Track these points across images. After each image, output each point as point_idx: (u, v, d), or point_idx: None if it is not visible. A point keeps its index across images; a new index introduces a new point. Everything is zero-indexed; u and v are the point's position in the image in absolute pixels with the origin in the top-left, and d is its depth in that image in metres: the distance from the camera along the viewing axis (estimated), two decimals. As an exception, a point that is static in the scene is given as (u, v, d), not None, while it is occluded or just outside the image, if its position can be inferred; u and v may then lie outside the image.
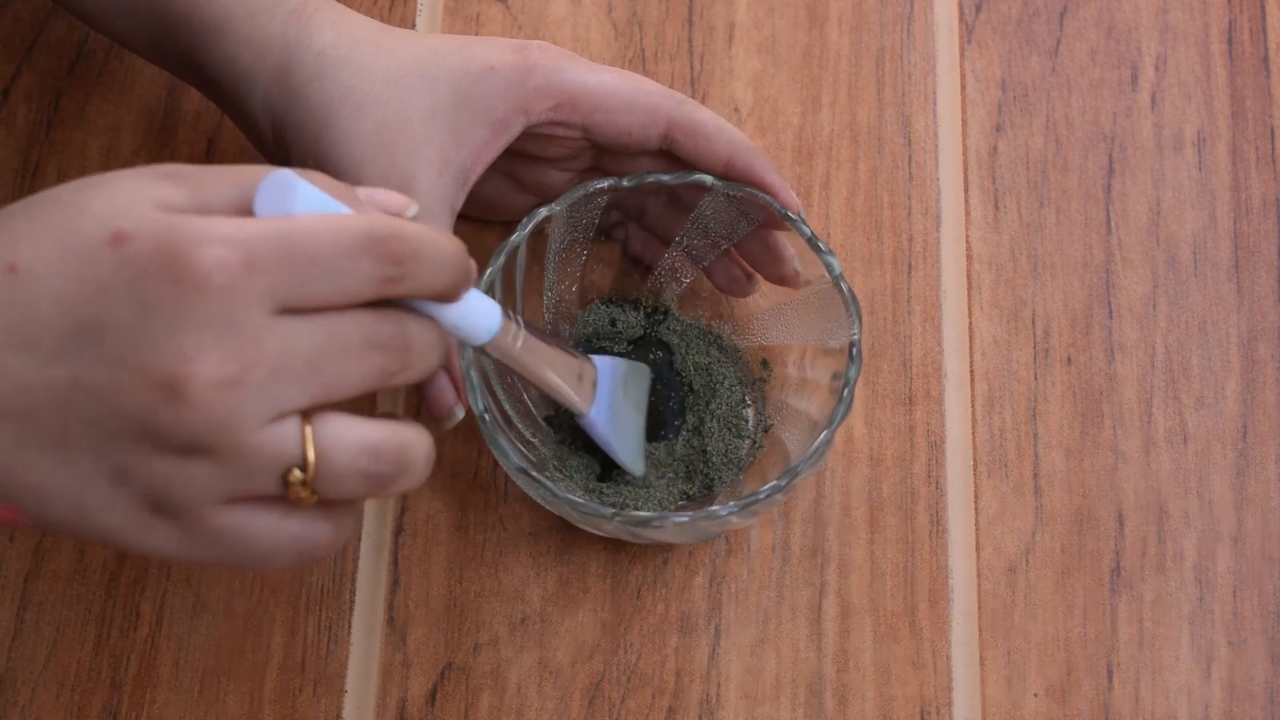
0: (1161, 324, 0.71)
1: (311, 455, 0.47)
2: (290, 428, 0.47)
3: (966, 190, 0.74)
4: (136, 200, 0.47)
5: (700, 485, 0.67)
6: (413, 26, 0.76)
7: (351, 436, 0.48)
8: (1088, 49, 0.76)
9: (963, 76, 0.76)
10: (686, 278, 0.69)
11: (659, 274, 0.69)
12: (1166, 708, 0.66)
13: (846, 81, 0.75)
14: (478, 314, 0.53)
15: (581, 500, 0.61)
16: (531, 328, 0.58)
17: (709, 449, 0.67)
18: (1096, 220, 0.73)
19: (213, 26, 0.63)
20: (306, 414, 0.48)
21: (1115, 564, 0.68)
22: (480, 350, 0.55)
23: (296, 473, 0.47)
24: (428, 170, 0.62)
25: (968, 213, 0.73)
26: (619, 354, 0.69)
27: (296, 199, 0.48)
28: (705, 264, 0.68)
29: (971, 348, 0.71)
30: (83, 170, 0.73)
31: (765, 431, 0.67)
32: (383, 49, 0.63)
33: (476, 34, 0.76)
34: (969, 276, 0.72)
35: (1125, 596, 0.67)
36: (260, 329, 0.46)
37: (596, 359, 0.64)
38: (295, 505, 0.49)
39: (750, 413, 0.68)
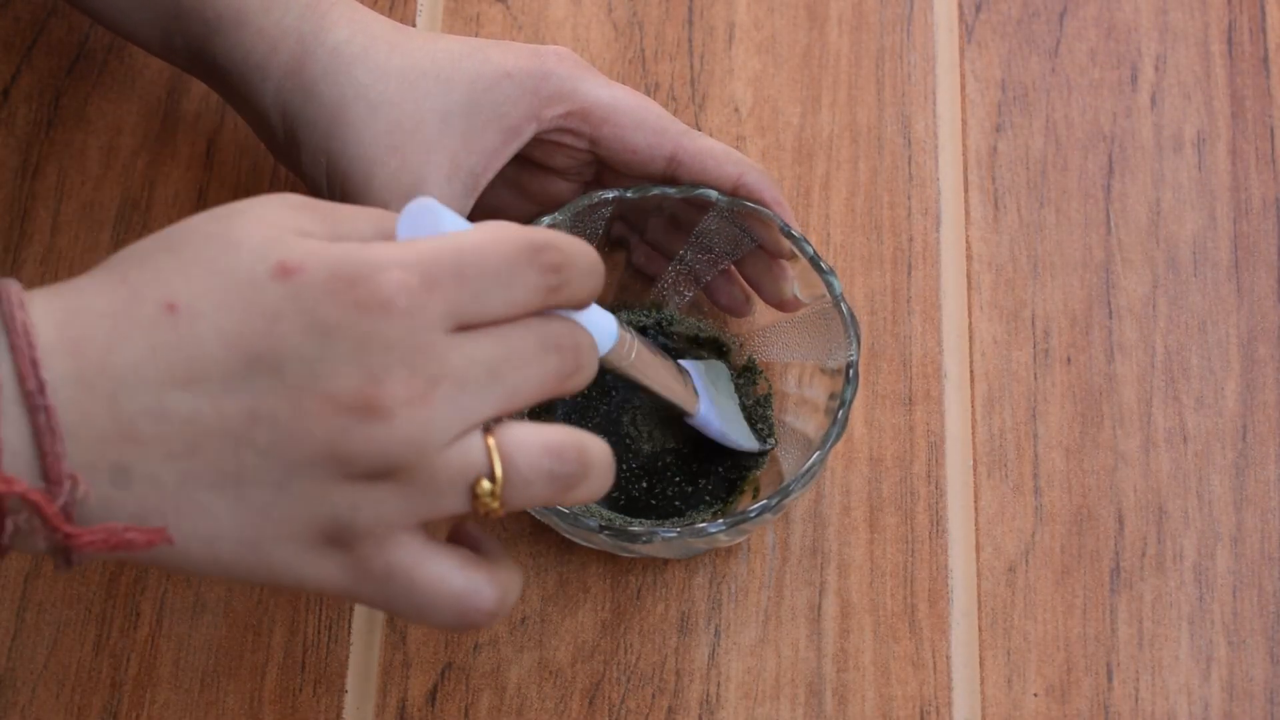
0: (1161, 324, 0.71)
1: (498, 463, 0.47)
2: (474, 439, 0.47)
3: (966, 190, 0.74)
4: (282, 230, 0.47)
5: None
6: (413, 26, 0.76)
7: (534, 439, 0.48)
8: (1088, 49, 0.76)
9: (963, 77, 0.76)
10: (688, 292, 0.69)
11: (661, 287, 0.69)
12: (1166, 707, 0.66)
13: (846, 82, 0.75)
14: (601, 324, 0.53)
15: (568, 511, 0.61)
16: (639, 335, 0.59)
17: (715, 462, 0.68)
18: (1096, 220, 0.73)
19: (227, 19, 0.63)
20: (486, 426, 0.48)
21: (1115, 564, 0.68)
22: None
23: (485, 483, 0.47)
24: (438, 174, 0.62)
25: (968, 213, 0.73)
26: None
27: (442, 223, 0.49)
28: (707, 280, 0.69)
29: (971, 348, 0.71)
30: (83, 170, 0.73)
31: (765, 449, 0.67)
32: (397, 49, 0.63)
33: (476, 34, 0.76)
34: (969, 276, 0.72)
35: (1125, 596, 0.67)
36: (442, 346, 0.46)
37: (683, 363, 0.65)
38: (469, 560, 0.49)
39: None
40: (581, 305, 0.50)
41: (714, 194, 0.65)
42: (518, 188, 0.68)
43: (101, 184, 0.73)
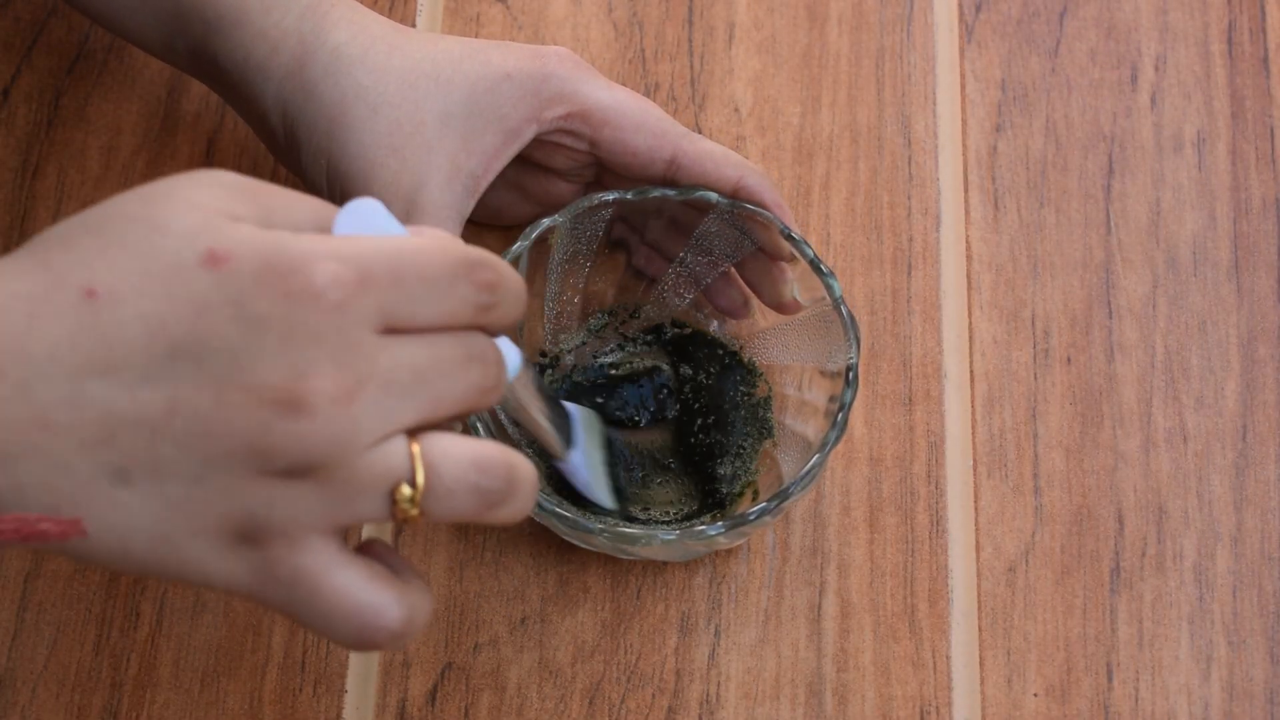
0: (1161, 324, 0.71)
1: (421, 469, 0.46)
2: (398, 444, 0.46)
3: (966, 190, 0.74)
4: (212, 214, 0.46)
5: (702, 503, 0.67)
6: (413, 26, 0.76)
7: (460, 451, 0.47)
8: (1087, 49, 0.76)
9: (963, 76, 0.76)
10: (688, 294, 0.69)
11: (661, 289, 0.69)
12: (1166, 707, 0.66)
13: (846, 81, 0.75)
14: (508, 353, 0.52)
15: (569, 514, 0.61)
16: (535, 373, 0.58)
17: (715, 464, 0.68)
18: (1096, 220, 0.73)
19: (228, 20, 0.63)
20: (411, 433, 0.47)
21: (1115, 564, 0.68)
22: None
23: (405, 489, 0.46)
24: (438, 176, 0.62)
25: (967, 213, 0.73)
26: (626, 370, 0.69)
27: (383, 225, 0.48)
28: (707, 282, 0.69)
29: (971, 348, 0.71)
30: (83, 170, 0.73)
31: (759, 451, 0.68)
32: (397, 50, 0.63)
33: (477, 34, 0.76)
34: (969, 276, 0.72)
35: (1125, 596, 0.67)
36: (370, 345, 0.46)
37: (567, 405, 0.64)
38: (379, 575, 0.47)
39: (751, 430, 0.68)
40: (504, 330, 0.50)
41: (714, 196, 0.65)
42: (519, 189, 0.68)
43: (101, 184, 0.73)
